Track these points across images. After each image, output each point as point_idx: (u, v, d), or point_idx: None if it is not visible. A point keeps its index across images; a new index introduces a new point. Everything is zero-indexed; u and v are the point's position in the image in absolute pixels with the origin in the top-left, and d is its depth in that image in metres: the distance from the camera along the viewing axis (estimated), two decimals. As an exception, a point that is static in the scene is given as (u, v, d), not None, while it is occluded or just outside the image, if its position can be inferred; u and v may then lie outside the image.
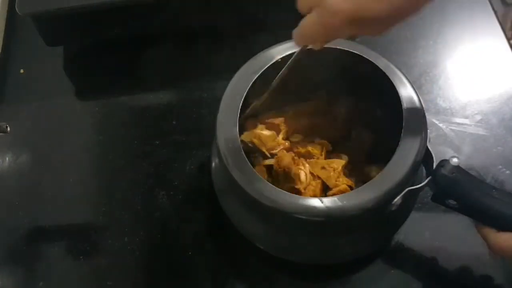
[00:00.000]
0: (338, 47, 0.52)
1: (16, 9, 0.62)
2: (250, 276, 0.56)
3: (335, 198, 0.45)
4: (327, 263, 0.55)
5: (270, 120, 0.54)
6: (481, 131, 0.62)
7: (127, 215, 0.60)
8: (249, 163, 0.46)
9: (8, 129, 0.57)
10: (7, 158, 0.65)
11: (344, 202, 0.44)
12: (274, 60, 0.51)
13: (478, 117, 0.63)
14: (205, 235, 0.58)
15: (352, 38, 0.51)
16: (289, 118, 0.55)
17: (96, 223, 0.60)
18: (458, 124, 0.63)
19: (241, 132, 0.48)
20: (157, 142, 0.64)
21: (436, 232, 0.56)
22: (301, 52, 0.47)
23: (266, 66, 0.51)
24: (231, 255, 0.57)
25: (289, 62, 0.49)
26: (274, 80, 0.50)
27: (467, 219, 0.49)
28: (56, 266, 0.58)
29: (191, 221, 0.59)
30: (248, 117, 0.53)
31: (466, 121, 0.63)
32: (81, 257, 0.58)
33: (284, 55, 0.51)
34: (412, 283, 0.54)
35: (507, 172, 0.59)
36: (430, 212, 0.57)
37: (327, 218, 0.44)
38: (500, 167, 0.60)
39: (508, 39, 0.68)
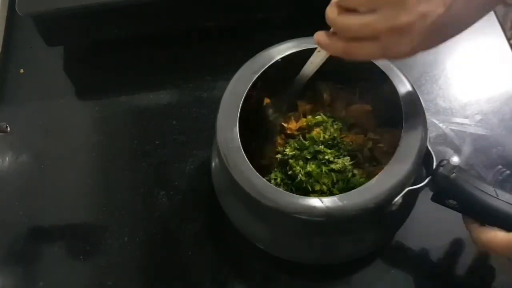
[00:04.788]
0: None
1: (16, 9, 0.62)
2: (250, 276, 0.56)
3: (335, 198, 0.45)
4: (327, 263, 0.55)
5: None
6: (481, 131, 0.62)
7: (127, 215, 0.60)
8: (249, 163, 0.46)
9: (8, 129, 0.57)
10: (7, 158, 0.65)
11: (345, 202, 0.44)
12: (274, 60, 0.51)
13: (478, 117, 0.63)
14: (205, 235, 0.58)
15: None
16: None
17: (96, 223, 0.60)
18: (458, 124, 0.63)
19: (241, 131, 0.48)
20: (157, 142, 0.64)
21: (436, 232, 0.56)
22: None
23: (266, 66, 0.51)
24: (231, 255, 0.57)
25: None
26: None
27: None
28: (56, 266, 0.58)
29: (191, 221, 0.59)
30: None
31: (466, 121, 0.63)
32: (81, 257, 0.58)
33: (284, 55, 0.51)
34: (412, 283, 0.54)
35: (507, 172, 0.59)
36: (430, 212, 0.56)
37: (327, 218, 0.44)
38: (500, 167, 0.60)
39: (508, 39, 0.68)
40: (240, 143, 0.47)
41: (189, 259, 0.57)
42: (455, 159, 0.46)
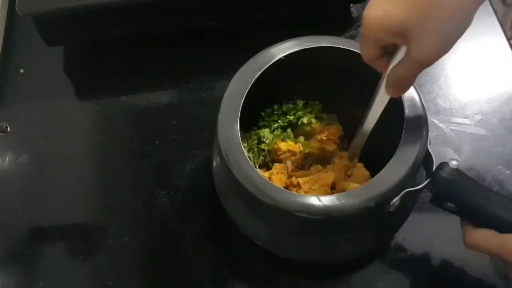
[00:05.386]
0: (339, 47, 0.52)
1: (16, 9, 0.62)
2: (250, 275, 0.56)
3: (334, 197, 0.45)
4: (327, 262, 0.55)
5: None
6: (481, 131, 0.62)
7: (127, 215, 0.60)
8: (250, 162, 0.47)
9: (8, 129, 0.58)
10: (7, 158, 0.65)
11: (343, 201, 0.44)
12: (275, 59, 0.51)
13: (478, 117, 0.63)
14: (205, 235, 0.58)
15: None
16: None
17: (96, 223, 0.60)
18: (458, 124, 0.63)
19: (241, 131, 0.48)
20: (157, 142, 0.64)
21: (436, 232, 0.56)
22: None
23: (268, 65, 0.51)
24: (231, 255, 0.57)
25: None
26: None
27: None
28: (56, 266, 0.58)
29: (191, 221, 0.59)
30: None
31: (466, 121, 0.63)
32: (81, 257, 0.58)
33: (285, 53, 0.51)
34: (412, 283, 0.54)
35: (507, 172, 0.59)
36: (430, 212, 0.56)
37: (326, 216, 0.44)
38: (500, 167, 0.60)
39: (508, 39, 0.68)
40: (240, 140, 0.47)
41: (189, 259, 0.57)
42: (454, 162, 0.46)
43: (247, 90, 0.49)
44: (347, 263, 0.54)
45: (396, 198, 0.46)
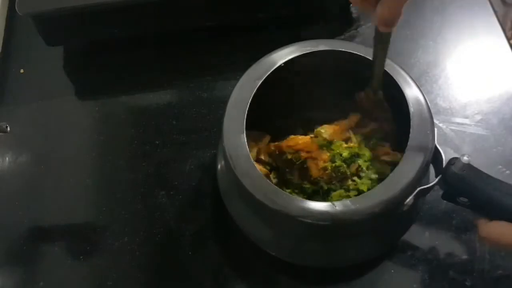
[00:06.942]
0: (341, 49, 0.52)
1: (16, 9, 0.62)
2: (251, 277, 0.56)
3: (348, 201, 0.45)
4: (333, 267, 0.55)
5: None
6: (481, 131, 0.62)
7: (127, 215, 0.60)
8: (256, 167, 0.47)
9: (8, 129, 0.58)
10: (7, 158, 0.65)
11: (357, 205, 0.44)
12: (277, 65, 0.51)
13: (478, 117, 0.63)
14: (205, 235, 0.58)
15: None
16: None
17: (96, 223, 0.60)
18: (458, 124, 0.63)
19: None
20: (157, 142, 0.64)
21: (436, 232, 0.56)
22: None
23: (270, 71, 0.51)
24: (232, 256, 0.57)
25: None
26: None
27: (467, 219, 0.49)
28: (56, 266, 0.58)
29: (191, 221, 0.59)
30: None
31: (466, 121, 0.63)
32: (81, 257, 0.58)
33: (286, 59, 0.51)
34: (412, 283, 0.54)
35: (507, 172, 0.59)
36: (430, 212, 0.57)
37: (338, 222, 0.44)
38: (500, 167, 0.60)
39: (508, 39, 0.68)
40: (248, 150, 0.47)
41: (189, 259, 0.57)
42: (465, 157, 0.46)
43: (250, 98, 0.49)
44: (352, 265, 0.54)
45: (410, 197, 0.46)
